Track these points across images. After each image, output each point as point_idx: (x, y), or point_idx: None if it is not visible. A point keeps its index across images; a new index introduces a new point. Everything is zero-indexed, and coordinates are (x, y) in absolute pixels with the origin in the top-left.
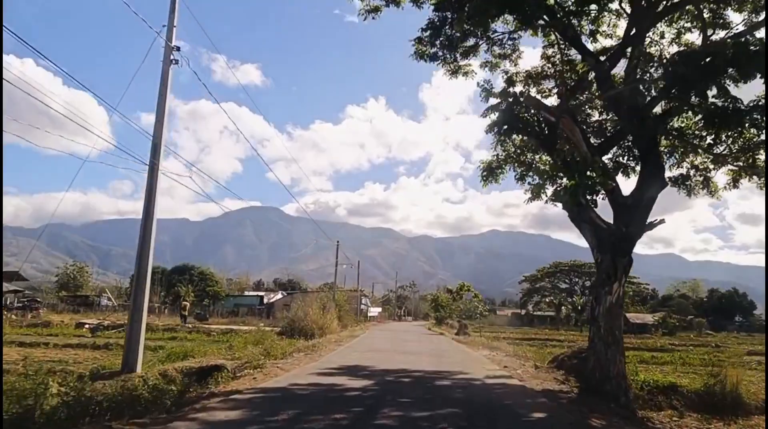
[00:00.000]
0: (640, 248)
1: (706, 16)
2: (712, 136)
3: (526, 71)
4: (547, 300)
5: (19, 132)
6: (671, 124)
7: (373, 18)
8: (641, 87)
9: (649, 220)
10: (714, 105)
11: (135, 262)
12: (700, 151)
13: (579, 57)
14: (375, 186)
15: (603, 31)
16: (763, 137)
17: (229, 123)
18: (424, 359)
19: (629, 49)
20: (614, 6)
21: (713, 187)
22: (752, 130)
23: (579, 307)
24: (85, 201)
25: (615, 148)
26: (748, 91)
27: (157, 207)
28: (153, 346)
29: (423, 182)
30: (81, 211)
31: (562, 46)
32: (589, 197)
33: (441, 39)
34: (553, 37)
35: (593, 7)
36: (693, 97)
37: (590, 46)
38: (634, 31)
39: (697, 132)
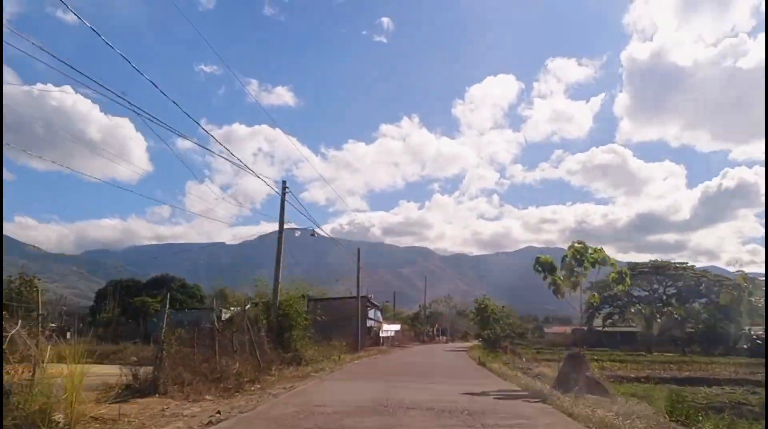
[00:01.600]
0: (681, 260)
1: None
2: None
3: None
4: (632, 310)
5: (62, 159)
6: None
7: None
8: None
9: None
10: None
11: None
12: None
13: None
14: (409, 204)
15: None
16: None
17: (264, 145)
18: None
19: None
20: None
21: None
22: None
23: (678, 318)
24: (125, 227)
25: None
26: None
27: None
28: None
29: (457, 200)
30: (121, 237)
31: None
32: None
33: None
34: None
35: None
36: None
37: None
38: None
39: None
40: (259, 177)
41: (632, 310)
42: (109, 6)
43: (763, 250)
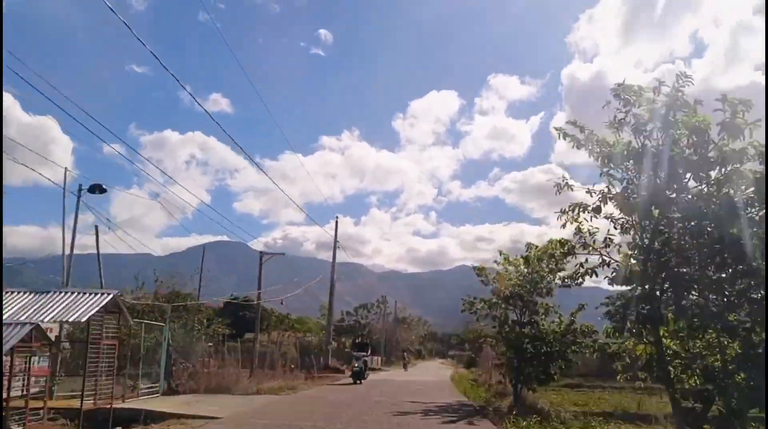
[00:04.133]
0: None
1: None
2: None
3: None
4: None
5: None
6: None
7: None
8: None
9: None
10: None
11: None
12: None
13: None
14: (346, 219)
15: None
16: None
17: (197, 153)
18: None
19: None
20: None
21: None
22: None
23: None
24: (46, 235)
25: None
26: None
27: None
28: None
29: (394, 215)
30: (40, 246)
31: None
32: None
33: None
34: None
35: None
36: None
37: None
38: None
39: None
40: (305, 212)
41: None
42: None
43: None
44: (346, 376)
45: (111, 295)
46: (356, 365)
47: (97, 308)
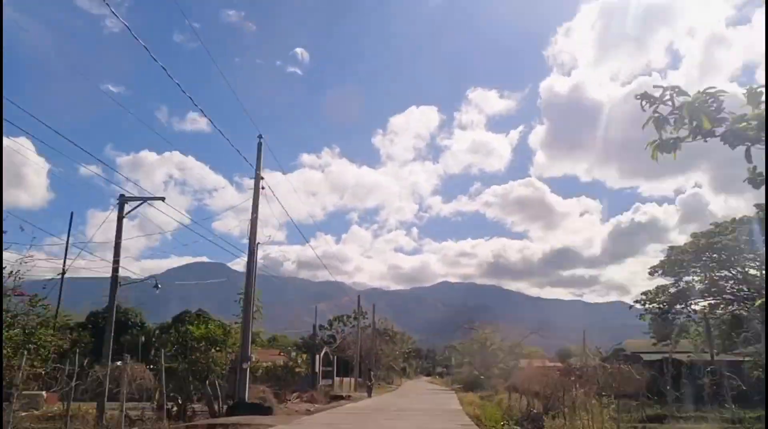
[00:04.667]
0: (592, 297)
1: None
2: None
3: None
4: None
5: None
6: None
7: None
8: None
9: None
10: None
11: None
12: None
13: None
14: (327, 237)
15: None
16: None
17: (175, 172)
18: None
19: None
20: None
21: None
22: None
23: None
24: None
25: None
26: None
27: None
28: None
29: (375, 233)
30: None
31: None
32: None
33: None
34: None
35: None
36: None
37: None
38: None
39: None
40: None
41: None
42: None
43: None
44: (287, 414)
45: None
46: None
47: None
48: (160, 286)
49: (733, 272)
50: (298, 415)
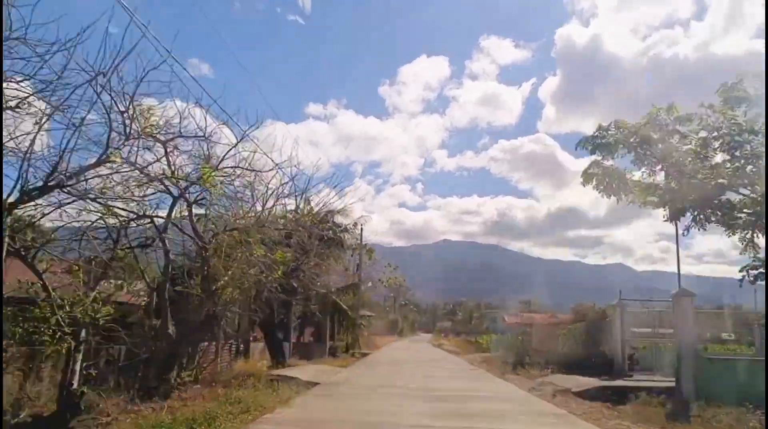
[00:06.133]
0: (594, 259)
1: None
2: None
3: None
4: None
5: None
6: None
7: None
8: None
9: None
10: None
11: None
12: None
13: None
14: (329, 190)
15: None
16: None
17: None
18: None
19: None
20: None
21: None
22: None
23: None
24: None
25: None
26: None
27: None
28: None
29: (378, 187)
30: None
31: None
32: None
33: None
34: None
35: None
36: None
37: None
38: None
39: None
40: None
41: None
42: None
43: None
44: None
45: None
46: None
47: None
48: None
49: None
50: None
